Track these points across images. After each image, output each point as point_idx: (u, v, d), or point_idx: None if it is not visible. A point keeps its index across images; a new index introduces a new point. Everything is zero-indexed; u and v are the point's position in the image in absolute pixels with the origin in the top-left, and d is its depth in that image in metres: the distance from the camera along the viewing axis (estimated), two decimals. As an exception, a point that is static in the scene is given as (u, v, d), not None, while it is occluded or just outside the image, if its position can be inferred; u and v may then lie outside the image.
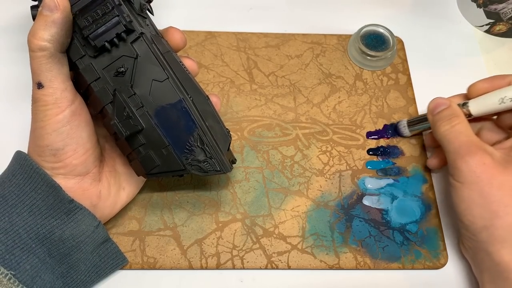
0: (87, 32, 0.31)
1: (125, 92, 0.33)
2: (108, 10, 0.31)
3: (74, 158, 0.33)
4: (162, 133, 0.33)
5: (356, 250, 0.39)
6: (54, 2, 0.30)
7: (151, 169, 0.34)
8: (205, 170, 0.34)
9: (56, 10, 0.30)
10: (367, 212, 0.41)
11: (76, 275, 0.35)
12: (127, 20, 0.31)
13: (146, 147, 0.33)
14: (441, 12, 0.53)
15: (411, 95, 0.47)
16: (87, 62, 0.32)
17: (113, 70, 0.32)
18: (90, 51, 0.32)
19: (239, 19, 0.51)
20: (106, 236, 0.36)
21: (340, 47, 0.49)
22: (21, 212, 0.32)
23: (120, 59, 0.32)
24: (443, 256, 0.39)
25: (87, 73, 0.32)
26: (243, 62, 0.48)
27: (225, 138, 0.35)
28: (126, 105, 0.32)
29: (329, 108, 0.46)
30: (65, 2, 0.31)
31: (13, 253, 0.31)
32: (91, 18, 0.31)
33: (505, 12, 0.49)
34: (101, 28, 0.31)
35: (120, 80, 0.33)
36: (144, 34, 0.32)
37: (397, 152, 0.44)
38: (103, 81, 0.33)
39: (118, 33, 0.31)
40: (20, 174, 0.33)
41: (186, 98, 0.33)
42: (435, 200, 0.42)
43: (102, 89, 0.33)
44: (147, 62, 0.32)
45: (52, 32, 0.30)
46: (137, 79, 0.33)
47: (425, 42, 0.50)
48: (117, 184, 0.37)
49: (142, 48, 0.32)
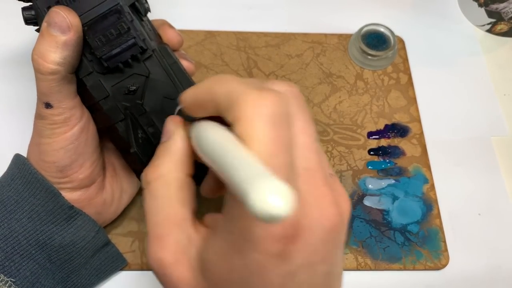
0: (100, 53, 0.29)
1: (136, 110, 0.31)
2: (124, 30, 0.29)
3: (80, 172, 0.32)
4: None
5: (357, 251, 0.39)
6: (66, 23, 0.28)
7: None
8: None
9: (69, 31, 0.28)
10: (368, 212, 0.41)
11: (77, 279, 0.34)
12: (142, 40, 0.30)
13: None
14: (442, 12, 0.52)
15: (412, 94, 0.47)
16: (95, 79, 0.31)
17: (123, 87, 0.31)
18: (99, 68, 0.30)
19: (239, 18, 0.50)
20: (107, 240, 0.35)
21: (341, 46, 0.49)
22: (20, 218, 0.31)
23: (131, 76, 0.31)
24: (444, 257, 0.39)
25: (95, 91, 0.31)
26: (243, 62, 0.47)
27: None
28: (139, 125, 0.31)
29: (330, 108, 0.45)
30: (77, 20, 0.28)
31: (13, 259, 0.30)
32: (104, 37, 0.29)
33: (506, 12, 0.49)
34: (115, 49, 0.29)
35: (131, 97, 0.31)
36: (155, 51, 0.31)
37: (398, 152, 0.44)
38: (112, 99, 0.31)
39: (133, 55, 0.30)
40: (19, 179, 0.32)
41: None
42: (436, 201, 0.41)
43: (112, 108, 0.31)
44: (158, 80, 0.31)
45: (64, 55, 0.28)
46: (147, 96, 0.31)
47: (426, 42, 0.50)
48: (119, 188, 0.36)
49: (154, 65, 0.31)
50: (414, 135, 0.44)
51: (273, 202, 0.13)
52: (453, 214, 0.41)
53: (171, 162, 0.26)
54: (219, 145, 0.19)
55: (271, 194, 0.13)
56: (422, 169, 0.43)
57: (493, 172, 0.44)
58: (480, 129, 0.46)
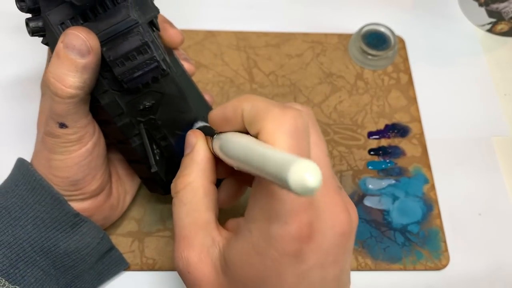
0: (121, 76, 0.28)
1: (150, 125, 0.31)
2: (145, 52, 0.28)
3: (92, 184, 0.32)
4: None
5: (357, 251, 0.39)
6: (86, 46, 0.26)
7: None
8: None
9: (88, 55, 0.27)
10: (368, 212, 0.41)
11: (80, 284, 0.34)
12: (162, 59, 0.29)
13: (169, 172, 0.33)
14: (442, 11, 0.52)
15: (412, 94, 0.46)
16: (111, 97, 0.30)
17: (139, 104, 0.30)
18: (115, 86, 0.29)
19: (239, 18, 0.50)
20: (111, 245, 0.35)
21: (341, 46, 0.49)
22: (24, 225, 0.31)
23: (147, 93, 0.30)
24: (445, 257, 0.39)
25: (110, 108, 0.30)
26: (243, 62, 0.47)
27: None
28: (153, 140, 0.31)
29: (330, 108, 0.45)
30: (97, 42, 0.27)
31: (17, 267, 0.30)
32: (125, 60, 0.28)
33: (506, 11, 0.48)
34: (137, 72, 0.28)
35: (145, 113, 0.31)
36: (171, 68, 0.30)
37: (398, 152, 0.43)
38: (127, 115, 0.30)
39: (154, 77, 0.29)
40: (23, 185, 0.31)
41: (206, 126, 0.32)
42: (436, 201, 0.41)
43: (127, 124, 0.31)
44: (172, 95, 0.31)
45: (84, 79, 0.27)
46: (161, 111, 0.31)
47: (427, 41, 0.50)
48: (123, 190, 0.36)
49: (169, 82, 0.30)
50: (414, 135, 0.44)
51: (308, 176, 0.17)
52: (454, 214, 0.41)
53: (197, 171, 0.28)
54: (250, 147, 0.21)
55: (306, 171, 0.17)
56: (423, 169, 0.43)
57: (494, 172, 0.43)
58: (480, 129, 0.46)
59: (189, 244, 0.26)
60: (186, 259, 0.26)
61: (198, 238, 0.26)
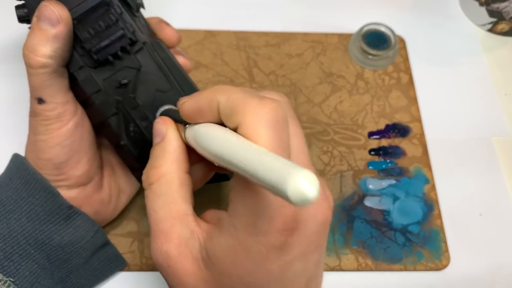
0: (89, 45, 0.29)
1: (128, 104, 0.31)
2: (112, 22, 0.29)
3: (77, 169, 0.32)
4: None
5: (358, 251, 0.39)
6: (55, 15, 0.28)
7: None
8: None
9: (58, 24, 0.28)
10: (369, 213, 0.40)
11: (76, 280, 0.34)
12: (131, 31, 0.30)
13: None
14: (443, 11, 0.52)
15: (412, 94, 0.46)
16: (86, 73, 0.31)
17: (115, 81, 0.31)
18: (89, 62, 0.30)
19: (239, 17, 0.50)
20: (106, 240, 0.35)
21: (341, 46, 0.49)
22: (19, 218, 0.31)
23: (122, 70, 0.31)
24: (445, 257, 0.39)
25: (87, 85, 0.31)
26: (243, 61, 0.47)
27: None
28: (131, 119, 0.31)
29: (330, 108, 0.45)
30: (67, 13, 0.28)
31: (12, 259, 0.30)
32: (93, 30, 0.29)
33: (507, 11, 0.48)
34: (104, 41, 0.29)
35: (122, 91, 0.31)
36: (146, 43, 0.31)
37: (399, 152, 0.43)
38: (104, 93, 0.31)
39: (122, 46, 0.30)
40: (17, 179, 0.32)
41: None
42: (437, 201, 0.41)
43: (104, 102, 0.31)
44: (150, 73, 0.31)
45: (54, 48, 0.28)
46: (140, 90, 0.31)
47: (427, 41, 0.50)
48: (117, 187, 0.36)
49: (145, 58, 0.31)
50: (415, 135, 0.44)
51: (307, 188, 0.16)
52: (454, 214, 0.41)
53: (170, 162, 0.27)
54: (235, 146, 0.21)
55: (304, 183, 0.16)
56: (423, 169, 0.43)
57: (494, 172, 0.43)
58: (481, 129, 0.46)
59: (167, 237, 0.25)
60: (165, 253, 0.25)
61: (176, 230, 0.25)
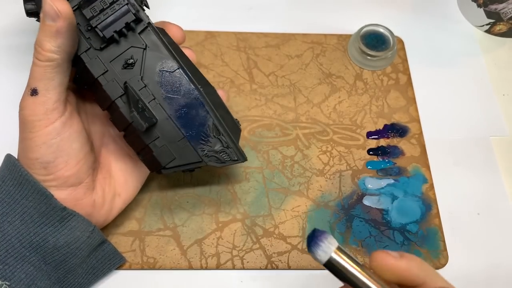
0: (95, 22, 0.30)
1: (136, 85, 0.31)
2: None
3: (65, 170, 0.32)
4: (176, 125, 0.32)
5: (357, 250, 0.39)
6: (54, 10, 0.28)
7: (168, 162, 0.33)
8: (222, 160, 0.33)
9: (58, 19, 0.28)
10: (367, 212, 0.41)
11: (73, 279, 0.34)
12: (135, 10, 0.30)
13: (161, 140, 0.32)
14: (441, 12, 0.53)
15: (411, 95, 0.47)
16: (93, 55, 0.31)
17: (121, 62, 0.31)
18: (96, 44, 0.31)
19: (239, 18, 0.50)
20: (102, 239, 0.35)
21: (340, 47, 0.49)
22: (12, 220, 0.31)
23: (128, 50, 0.31)
24: (443, 256, 0.39)
25: (93, 67, 0.31)
26: (243, 62, 0.48)
27: (236, 128, 0.34)
28: (139, 99, 0.31)
29: (329, 108, 0.46)
30: (67, 7, 0.29)
31: (7, 263, 0.30)
32: (98, 7, 0.30)
33: (505, 12, 0.49)
34: (109, 17, 0.30)
35: (129, 72, 0.31)
36: (151, 24, 0.31)
37: (397, 152, 0.44)
38: (111, 74, 0.31)
39: (127, 23, 0.30)
40: (10, 181, 0.31)
41: (198, 88, 0.32)
42: (435, 200, 0.42)
43: (111, 83, 0.31)
44: (156, 53, 0.31)
45: (58, 43, 0.29)
46: (146, 70, 0.32)
47: (425, 42, 0.50)
48: (112, 191, 0.36)
49: (151, 38, 0.31)
50: (413, 135, 0.45)
51: None
52: (452, 213, 0.41)
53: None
54: None
55: None
56: (421, 169, 0.43)
57: (492, 172, 0.44)
58: (479, 129, 0.46)
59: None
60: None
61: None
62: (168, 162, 0.33)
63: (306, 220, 0.40)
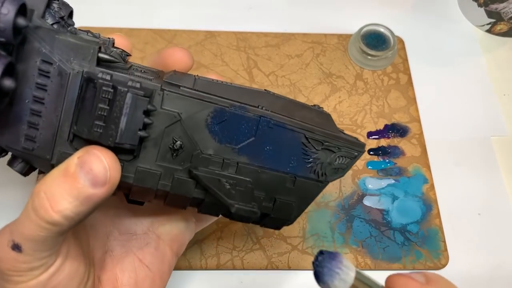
0: (111, 140, 0.21)
1: (202, 163, 0.24)
2: (111, 95, 0.21)
3: None
4: (272, 169, 0.26)
5: (357, 251, 0.39)
6: (105, 174, 0.21)
7: (291, 214, 0.27)
8: (343, 166, 0.28)
9: (102, 187, 0.21)
10: (368, 212, 0.41)
11: None
12: (139, 86, 0.22)
13: (268, 197, 0.26)
14: (442, 12, 0.52)
15: (411, 94, 0.47)
16: (131, 170, 0.23)
17: (168, 152, 0.24)
18: (127, 156, 0.23)
19: (239, 18, 0.50)
20: None
21: (341, 46, 0.49)
22: None
23: (165, 135, 0.24)
24: (444, 257, 0.39)
25: (143, 182, 0.24)
26: (243, 62, 0.48)
27: (324, 116, 0.27)
28: (218, 176, 0.25)
29: (330, 108, 0.46)
30: (118, 173, 0.22)
31: None
32: (99, 121, 0.21)
33: (506, 12, 0.49)
34: (121, 122, 0.21)
35: (185, 155, 0.24)
36: (163, 88, 0.23)
37: (397, 152, 0.44)
38: (168, 173, 0.24)
39: (145, 110, 0.22)
40: None
41: (259, 111, 0.25)
42: (436, 201, 0.41)
43: (177, 182, 0.24)
44: (193, 112, 0.24)
45: (80, 210, 0.21)
46: (198, 138, 0.24)
47: (426, 42, 0.50)
48: None
49: (175, 101, 0.24)
50: (413, 135, 0.44)
51: None
52: (453, 214, 0.41)
53: None
54: None
55: None
56: (422, 169, 0.43)
57: (493, 172, 0.44)
58: (479, 129, 0.46)
59: None
60: None
61: None
62: (291, 212, 0.27)
63: (306, 220, 0.40)
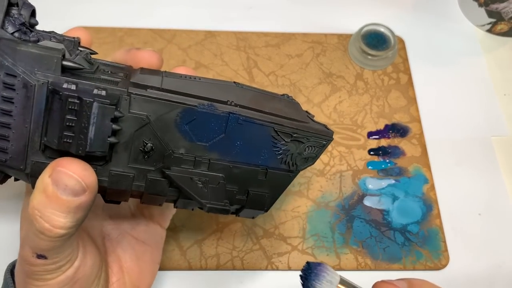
0: (81, 150, 0.22)
1: (174, 163, 0.25)
2: (77, 106, 0.22)
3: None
4: (244, 163, 0.27)
5: (357, 251, 0.39)
6: (81, 185, 0.22)
7: (264, 204, 0.28)
8: (313, 155, 0.28)
9: (83, 193, 0.23)
10: (368, 212, 0.41)
11: None
12: (105, 94, 0.22)
13: (241, 190, 0.27)
14: (442, 11, 0.52)
15: (412, 94, 0.47)
16: (105, 174, 0.24)
17: (139, 155, 0.25)
18: (97, 162, 0.24)
19: (239, 18, 0.50)
20: None
21: (341, 46, 0.49)
22: None
23: (134, 138, 0.24)
24: (444, 257, 0.39)
25: (117, 184, 0.25)
26: (243, 62, 0.47)
27: (293, 105, 0.27)
28: (190, 174, 0.25)
29: (330, 108, 0.45)
30: (94, 178, 0.23)
31: None
32: (69, 130, 0.22)
33: (506, 12, 0.49)
34: (90, 131, 0.22)
35: (157, 156, 0.25)
36: (130, 92, 0.24)
37: (398, 152, 0.44)
38: (141, 174, 0.25)
39: (112, 118, 0.22)
40: None
41: (228, 107, 0.26)
42: (436, 201, 0.41)
43: (150, 183, 0.25)
44: (161, 114, 0.24)
45: (77, 218, 0.23)
46: (169, 139, 0.25)
47: (426, 42, 0.50)
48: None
49: (142, 104, 0.24)
50: (414, 135, 0.44)
51: None
52: (453, 214, 0.41)
53: None
54: None
55: None
56: (422, 169, 0.43)
57: (493, 172, 0.44)
58: (480, 129, 0.46)
59: None
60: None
61: None
62: (264, 203, 0.28)
63: (307, 220, 0.40)
